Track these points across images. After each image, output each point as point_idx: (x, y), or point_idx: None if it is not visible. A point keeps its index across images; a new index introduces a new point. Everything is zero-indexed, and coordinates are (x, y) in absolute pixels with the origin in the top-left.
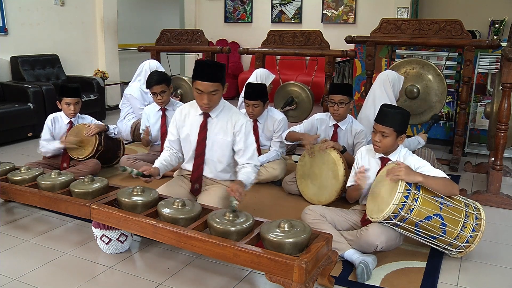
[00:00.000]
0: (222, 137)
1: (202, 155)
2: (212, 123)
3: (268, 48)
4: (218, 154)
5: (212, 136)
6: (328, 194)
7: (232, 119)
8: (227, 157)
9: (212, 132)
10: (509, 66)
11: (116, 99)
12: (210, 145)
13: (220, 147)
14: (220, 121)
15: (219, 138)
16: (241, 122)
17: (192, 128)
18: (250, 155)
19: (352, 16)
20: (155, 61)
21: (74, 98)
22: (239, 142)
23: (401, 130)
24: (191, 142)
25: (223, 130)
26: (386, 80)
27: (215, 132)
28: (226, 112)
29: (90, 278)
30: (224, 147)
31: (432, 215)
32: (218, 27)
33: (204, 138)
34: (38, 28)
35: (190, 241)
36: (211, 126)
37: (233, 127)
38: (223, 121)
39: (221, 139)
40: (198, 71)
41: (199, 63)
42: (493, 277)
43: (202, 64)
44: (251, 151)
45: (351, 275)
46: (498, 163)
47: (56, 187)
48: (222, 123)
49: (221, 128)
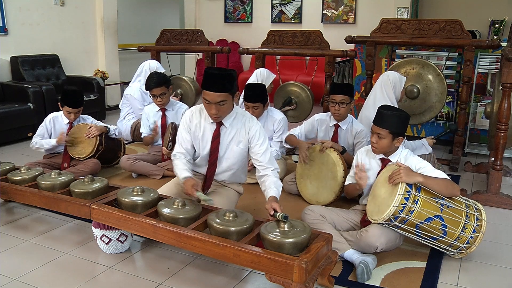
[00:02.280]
0: (236, 145)
1: (214, 164)
2: (226, 132)
3: (268, 48)
4: (231, 162)
5: (225, 144)
6: (326, 195)
7: (245, 126)
8: (239, 163)
9: (226, 140)
10: (509, 66)
11: (116, 99)
12: (222, 153)
13: (234, 155)
14: (233, 129)
15: (233, 146)
16: (255, 128)
17: (204, 135)
18: (268, 160)
19: (352, 16)
20: (155, 61)
21: (75, 109)
22: (254, 147)
23: (398, 133)
24: (202, 149)
25: (236, 139)
26: (386, 81)
27: (228, 140)
28: (239, 119)
29: (90, 278)
30: (238, 154)
31: (432, 216)
32: (218, 27)
33: (217, 147)
34: (38, 28)
35: (190, 241)
36: (224, 135)
37: (247, 134)
38: (236, 128)
39: (235, 147)
40: (206, 81)
41: (207, 72)
42: (493, 277)
43: (209, 73)
44: (268, 155)
45: (351, 275)
46: (498, 163)
47: (56, 187)
48: (236, 130)
49: (234, 136)
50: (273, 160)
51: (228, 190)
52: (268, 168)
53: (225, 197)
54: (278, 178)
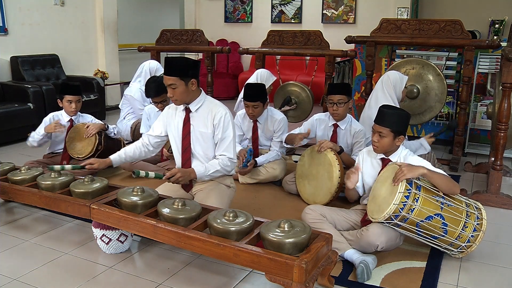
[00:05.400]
0: (204, 130)
1: (188, 149)
2: (194, 117)
3: (268, 48)
4: (203, 148)
5: (195, 129)
6: (323, 195)
7: (212, 111)
8: (212, 150)
9: (195, 125)
10: (509, 66)
11: (116, 99)
12: (194, 139)
13: (204, 140)
14: (200, 114)
15: (201, 131)
16: (220, 114)
17: (178, 124)
18: (225, 147)
19: (352, 16)
20: (155, 61)
21: (75, 96)
22: (217, 134)
23: (399, 131)
24: (178, 138)
25: (203, 123)
26: (387, 81)
27: (197, 126)
28: (207, 105)
29: (90, 278)
30: (207, 139)
31: (433, 215)
32: (218, 27)
33: (188, 132)
34: (38, 28)
35: (190, 241)
36: (193, 120)
37: (213, 119)
38: (203, 114)
39: (203, 132)
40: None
41: (165, 58)
42: (493, 277)
43: (165, 59)
44: (226, 142)
45: (351, 275)
46: (498, 163)
47: (56, 187)
48: (203, 116)
49: (202, 121)
50: (230, 149)
51: (218, 185)
52: (221, 155)
53: (217, 194)
54: (222, 166)
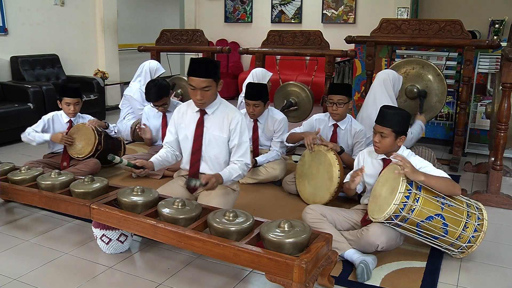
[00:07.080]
0: (218, 134)
1: (198, 151)
2: (209, 120)
3: (268, 48)
4: (215, 151)
5: (209, 132)
6: (322, 195)
7: (228, 116)
8: (224, 154)
9: (209, 128)
10: (509, 66)
11: (116, 99)
12: (206, 141)
13: (217, 143)
14: (216, 117)
15: (215, 134)
16: (237, 119)
17: (189, 125)
18: (242, 153)
19: (352, 16)
20: (155, 61)
21: (74, 99)
22: (233, 139)
23: (400, 131)
24: (188, 139)
25: (219, 127)
26: (386, 79)
27: (211, 129)
28: (223, 109)
29: (90, 278)
30: (221, 143)
31: (433, 215)
32: (218, 27)
33: (201, 134)
34: (38, 28)
35: (190, 241)
36: (208, 123)
37: (229, 124)
38: (219, 118)
39: (217, 136)
40: (191, 68)
41: (193, 60)
42: (493, 277)
43: (195, 61)
44: (243, 148)
45: (351, 275)
46: (498, 163)
47: (56, 187)
48: (218, 119)
49: (217, 124)
50: (247, 155)
51: (224, 188)
52: (239, 161)
53: (222, 196)
54: (241, 170)
